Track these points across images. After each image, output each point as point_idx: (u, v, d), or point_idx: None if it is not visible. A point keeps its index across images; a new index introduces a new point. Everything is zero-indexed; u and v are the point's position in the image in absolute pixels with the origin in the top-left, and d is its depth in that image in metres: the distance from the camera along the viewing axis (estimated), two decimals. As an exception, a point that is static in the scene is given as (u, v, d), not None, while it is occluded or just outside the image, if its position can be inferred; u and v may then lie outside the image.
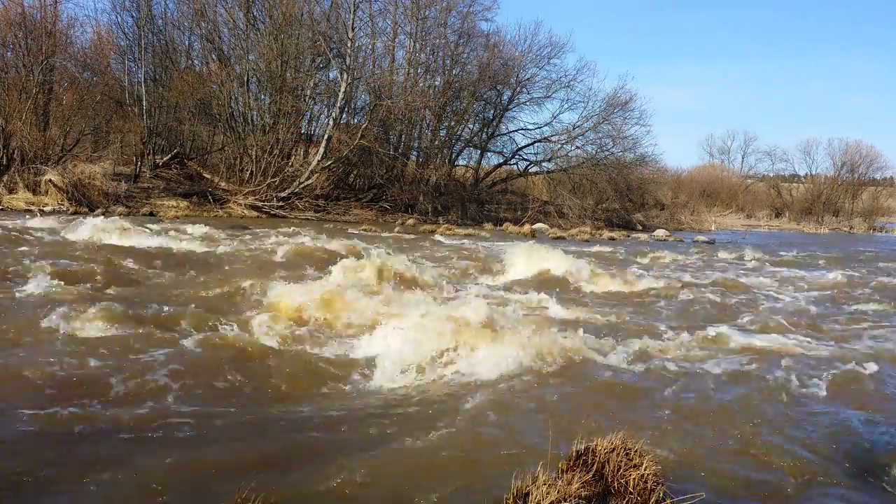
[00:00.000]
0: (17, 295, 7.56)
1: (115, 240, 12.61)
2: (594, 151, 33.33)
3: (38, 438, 4.07)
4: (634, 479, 3.45)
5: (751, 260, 18.23)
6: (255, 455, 4.02)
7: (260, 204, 25.16)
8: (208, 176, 27.76)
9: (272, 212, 25.04)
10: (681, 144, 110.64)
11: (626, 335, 7.52)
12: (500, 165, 34.83)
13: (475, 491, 3.68)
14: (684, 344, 7.20)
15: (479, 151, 33.92)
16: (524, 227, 26.93)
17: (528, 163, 34.52)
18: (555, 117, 34.46)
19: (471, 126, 33.37)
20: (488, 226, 27.08)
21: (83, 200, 21.66)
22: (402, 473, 3.89)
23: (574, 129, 33.35)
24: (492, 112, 33.49)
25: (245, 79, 28.45)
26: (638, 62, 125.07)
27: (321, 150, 26.90)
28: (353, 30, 26.83)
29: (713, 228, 37.64)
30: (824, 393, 5.64)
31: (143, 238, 13.05)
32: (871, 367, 6.42)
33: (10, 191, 22.13)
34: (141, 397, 4.79)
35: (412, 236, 20.76)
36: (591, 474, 3.48)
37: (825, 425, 4.84)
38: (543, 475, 3.33)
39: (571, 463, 3.62)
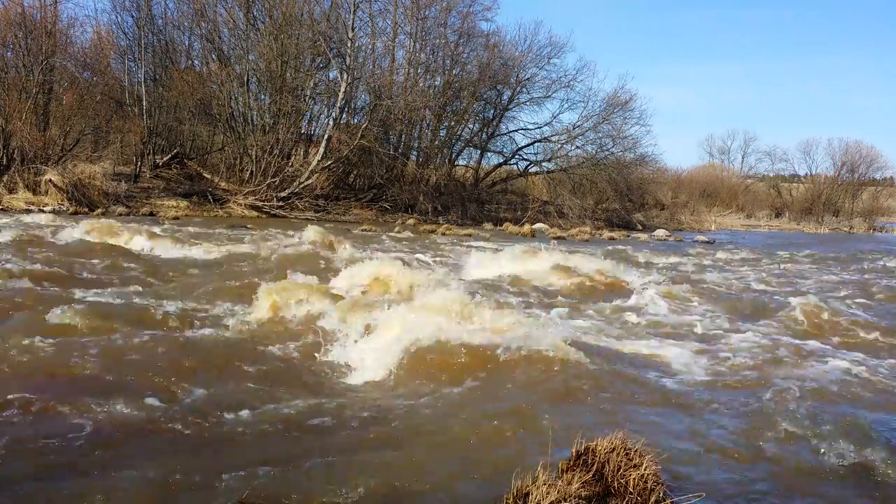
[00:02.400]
0: (18, 295, 7.57)
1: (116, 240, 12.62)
2: (594, 151, 33.33)
3: (35, 438, 4.07)
4: (634, 479, 3.45)
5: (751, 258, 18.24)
6: (256, 455, 4.03)
7: (260, 204, 25.16)
8: (208, 176, 27.76)
9: (272, 212, 25.04)
10: (681, 144, 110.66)
11: (626, 334, 7.52)
12: (500, 165, 34.83)
13: (475, 491, 3.68)
14: (685, 343, 7.20)
15: (479, 151, 33.94)
16: (524, 227, 26.92)
17: (528, 163, 34.53)
18: (555, 117, 34.48)
19: (471, 126, 33.38)
20: (488, 226, 27.08)
21: (83, 200, 21.66)
22: (402, 473, 3.89)
23: (574, 129, 33.36)
24: (492, 112, 33.50)
25: (245, 79, 28.45)
26: (638, 62, 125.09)
27: (321, 150, 26.90)
28: (353, 30, 26.83)
29: (713, 228, 37.63)
30: (825, 392, 5.64)
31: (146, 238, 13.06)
32: (874, 365, 6.42)
33: (10, 191, 22.13)
34: (139, 397, 4.79)
35: (412, 236, 20.77)
36: (591, 474, 3.48)
37: (827, 425, 4.84)
38: (543, 475, 3.33)
39: (571, 463, 3.63)
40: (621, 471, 3.50)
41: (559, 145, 33.65)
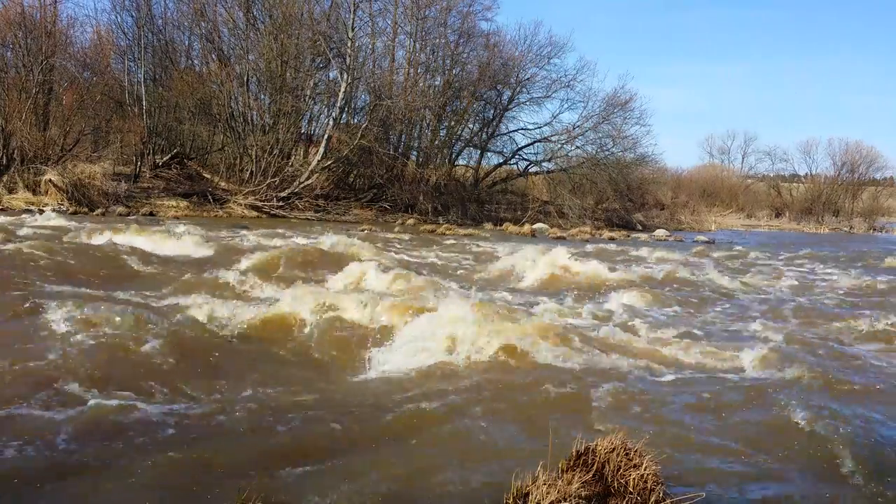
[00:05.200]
0: (18, 291, 7.56)
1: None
2: (594, 151, 33.29)
3: (36, 437, 4.07)
4: (634, 479, 3.45)
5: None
6: (256, 454, 4.02)
7: (260, 204, 25.15)
8: (208, 176, 27.75)
9: (272, 212, 25.03)
10: (681, 144, 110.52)
11: (626, 334, 7.51)
12: (500, 165, 34.82)
13: (475, 491, 3.68)
14: (685, 343, 7.19)
15: (479, 151, 33.91)
16: (524, 227, 26.91)
17: (528, 163, 34.50)
18: (555, 117, 34.41)
19: (471, 126, 33.36)
20: (488, 226, 27.07)
21: (83, 200, 21.65)
22: (403, 473, 3.89)
23: (574, 128, 33.32)
24: (492, 112, 33.47)
25: (245, 79, 28.44)
26: (638, 62, 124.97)
27: (321, 150, 26.88)
28: (353, 30, 26.82)
29: (713, 228, 37.60)
30: (826, 392, 5.63)
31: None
32: (870, 365, 6.42)
33: (10, 191, 22.12)
34: (139, 397, 4.78)
35: (412, 236, 20.77)
36: (591, 474, 3.48)
37: (826, 424, 4.83)
38: (543, 475, 3.33)
39: (571, 463, 3.62)
40: (621, 471, 3.50)
41: (559, 145, 33.62)
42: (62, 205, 21.36)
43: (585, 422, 4.73)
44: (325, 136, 27.00)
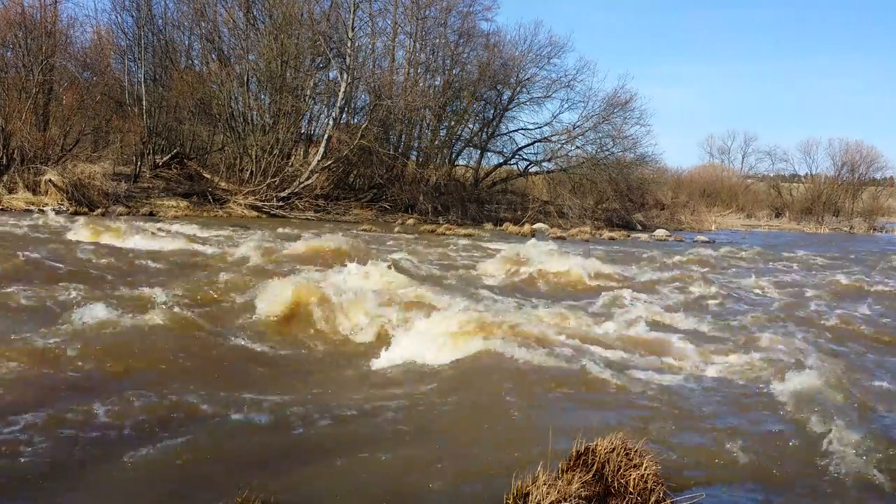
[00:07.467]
0: (16, 291, 7.56)
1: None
2: (594, 151, 33.30)
3: (38, 436, 4.06)
4: (634, 479, 3.45)
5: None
6: (256, 454, 4.02)
7: (260, 204, 25.15)
8: (208, 176, 27.74)
9: (272, 212, 25.03)
10: (681, 144, 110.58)
11: (627, 334, 7.51)
12: (500, 165, 34.82)
13: (475, 491, 3.68)
14: (685, 343, 7.19)
15: (479, 151, 33.91)
16: (524, 226, 26.92)
17: (528, 163, 34.51)
18: (555, 117, 34.42)
19: (471, 126, 33.35)
20: (488, 226, 27.07)
21: (83, 200, 21.64)
22: (403, 473, 3.89)
23: (574, 128, 33.33)
24: (492, 112, 33.47)
25: (245, 79, 28.43)
26: (638, 62, 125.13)
27: (321, 150, 26.88)
28: (352, 30, 26.82)
29: (713, 228, 37.59)
30: (827, 391, 5.63)
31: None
32: (869, 362, 6.41)
33: (10, 191, 22.10)
34: (139, 397, 4.78)
35: (412, 236, 20.76)
36: (591, 474, 3.48)
37: (826, 424, 4.83)
38: (543, 475, 3.33)
39: (571, 463, 3.62)
40: (621, 471, 3.50)
41: (559, 145, 33.63)
42: (62, 205, 21.34)
43: (585, 422, 4.72)
44: (325, 136, 27.01)
